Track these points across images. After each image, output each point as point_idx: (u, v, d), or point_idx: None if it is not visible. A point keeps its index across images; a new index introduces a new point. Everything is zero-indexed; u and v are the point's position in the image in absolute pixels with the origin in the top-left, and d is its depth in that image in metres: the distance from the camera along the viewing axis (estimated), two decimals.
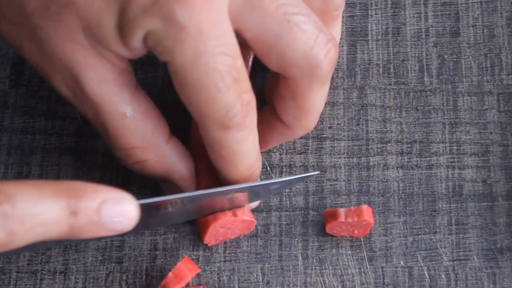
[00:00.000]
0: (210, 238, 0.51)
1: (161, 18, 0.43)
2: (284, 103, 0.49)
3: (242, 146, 0.47)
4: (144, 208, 0.45)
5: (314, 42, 0.46)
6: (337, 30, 0.52)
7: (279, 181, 0.50)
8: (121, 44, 0.45)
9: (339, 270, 0.52)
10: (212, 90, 0.44)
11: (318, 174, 0.52)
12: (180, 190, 0.51)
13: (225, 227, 0.51)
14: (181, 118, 0.51)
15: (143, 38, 0.44)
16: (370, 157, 0.55)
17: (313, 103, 0.49)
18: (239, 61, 0.45)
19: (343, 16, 0.57)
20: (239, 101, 0.45)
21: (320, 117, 0.55)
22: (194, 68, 0.43)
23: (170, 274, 0.50)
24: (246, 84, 0.46)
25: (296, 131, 0.51)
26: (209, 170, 0.51)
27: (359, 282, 0.51)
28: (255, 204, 0.53)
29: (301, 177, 0.50)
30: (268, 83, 0.53)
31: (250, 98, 0.46)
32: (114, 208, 0.42)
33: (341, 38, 0.57)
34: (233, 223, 0.50)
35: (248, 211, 0.51)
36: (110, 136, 0.48)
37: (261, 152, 0.54)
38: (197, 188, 0.51)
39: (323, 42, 0.46)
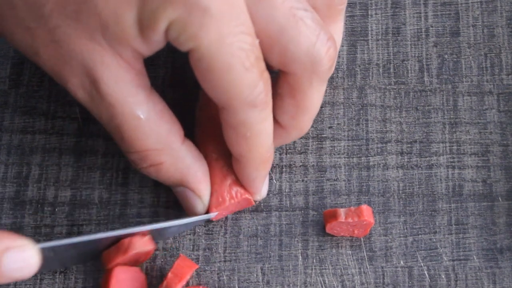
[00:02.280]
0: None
1: (183, 4, 0.43)
2: (281, 101, 0.49)
3: (265, 126, 0.47)
4: (51, 251, 0.46)
5: (317, 38, 0.46)
6: (340, 25, 0.52)
7: (177, 224, 0.50)
8: (141, 39, 0.45)
9: (339, 270, 0.52)
10: (239, 70, 0.44)
11: (214, 216, 0.52)
12: (195, 196, 0.51)
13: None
14: (181, 118, 0.51)
15: (165, 29, 0.44)
16: (370, 157, 0.55)
17: (311, 100, 0.49)
18: (257, 40, 0.45)
19: None
20: (262, 79, 0.46)
21: (320, 117, 0.55)
22: (220, 50, 0.44)
23: (169, 274, 0.49)
24: (263, 63, 0.46)
25: (291, 132, 0.51)
26: (218, 157, 0.51)
27: (359, 282, 0.51)
28: (264, 193, 0.53)
29: (199, 219, 0.50)
30: None
31: (268, 76, 0.46)
32: (15, 256, 0.42)
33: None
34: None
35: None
36: (125, 139, 0.48)
37: None
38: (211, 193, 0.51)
39: (324, 39, 0.47)
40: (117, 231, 0.49)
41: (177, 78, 0.56)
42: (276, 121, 0.50)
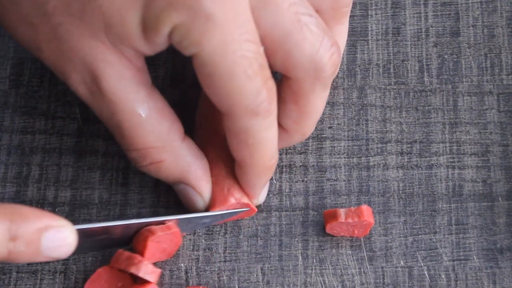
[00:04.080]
0: None
1: (188, 9, 0.43)
2: (285, 106, 0.49)
3: (268, 134, 0.47)
4: (84, 233, 0.46)
5: (320, 44, 0.46)
6: (345, 27, 0.53)
7: (210, 215, 0.50)
8: (144, 40, 0.45)
9: (339, 270, 0.52)
10: (242, 78, 0.44)
11: (246, 210, 0.52)
12: (195, 193, 0.51)
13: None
14: (181, 118, 0.51)
15: (169, 33, 0.44)
16: (370, 157, 0.55)
17: (314, 106, 0.49)
18: (262, 48, 0.45)
19: None
20: (265, 87, 0.45)
21: (320, 117, 0.54)
22: (223, 57, 0.44)
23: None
24: (268, 71, 0.46)
25: (294, 136, 0.51)
26: (218, 158, 0.51)
27: (359, 282, 0.51)
28: (262, 199, 0.53)
29: (232, 212, 0.51)
30: None
31: (273, 84, 0.46)
32: (53, 236, 0.43)
33: None
34: None
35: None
36: (126, 136, 0.48)
37: None
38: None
39: (327, 45, 0.47)
40: (149, 218, 0.49)
41: (177, 78, 0.56)
42: (279, 124, 0.50)
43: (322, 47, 0.46)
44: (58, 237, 0.43)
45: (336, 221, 0.51)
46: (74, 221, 0.51)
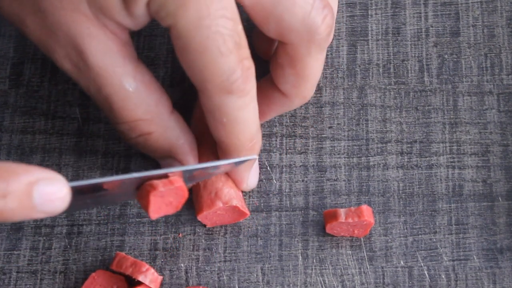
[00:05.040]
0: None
1: None
2: (282, 71, 0.49)
3: (243, 114, 0.47)
4: (79, 190, 0.44)
5: (312, 7, 0.46)
6: None
7: (214, 165, 0.49)
8: (125, 12, 0.45)
9: (339, 270, 0.52)
10: (214, 54, 0.44)
11: (254, 158, 0.51)
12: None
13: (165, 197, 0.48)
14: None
15: (147, 4, 0.44)
16: (370, 157, 0.55)
17: (311, 69, 0.49)
18: (240, 26, 0.45)
19: (343, 16, 0.58)
20: (240, 66, 0.45)
21: (320, 117, 0.55)
22: (197, 31, 0.44)
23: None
24: (246, 50, 0.46)
25: (294, 99, 0.51)
26: (210, 154, 0.51)
27: (359, 282, 0.51)
28: (251, 183, 0.52)
29: (237, 161, 0.50)
30: (255, 34, 0.54)
31: (250, 65, 0.46)
32: (45, 189, 0.41)
33: (340, 38, 0.57)
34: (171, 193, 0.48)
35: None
36: (114, 110, 0.48)
37: (261, 151, 0.55)
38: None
39: (319, 7, 0.47)
40: (151, 171, 0.47)
41: (177, 78, 0.56)
42: (278, 90, 0.50)
43: (314, 9, 0.46)
44: (50, 190, 0.41)
45: (336, 221, 0.51)
46: (74, 221, 0.53)
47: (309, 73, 0.49)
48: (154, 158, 0.52)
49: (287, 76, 0.50)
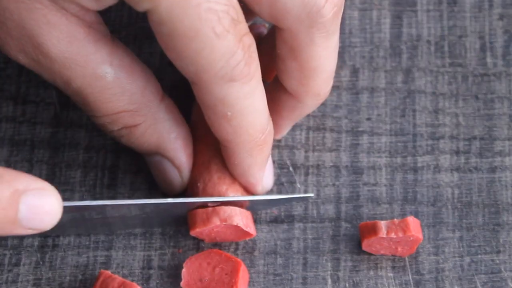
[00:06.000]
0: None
1: None
2: (283, 64, 0.48)
3: (250, 102, 0.45)
4: (74, 210, 0.45)
5: None
6: None
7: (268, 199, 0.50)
8: None
9: None
10: (209, 37, 0.42)
11: (313, 196, 0.52)
12: (172, 168, 0.50)
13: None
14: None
15: None
16: (418, 157, 0.53)
17: (318, 60, 0.47)
18: None
19: None
20: (241, 45, 0.43)
21: (355, 105, 0.54)
22: (184, 12, 0.42)
23: None
24: (244, 25, 0.44)
25: (304, 99, 0.49)
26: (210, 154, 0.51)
27: None
28: (267, 184, 0.52)
29: (292, 197, 0.50)
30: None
31: (251, 41, 0.44)
32: (34, 201, 0.40)
33: (382, 8, 0.57)
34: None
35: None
36: (90, 103, 0.47)
37: (282, 148, 0.53)
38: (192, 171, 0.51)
39: None
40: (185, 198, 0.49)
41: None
42: (286, 90, 0.49)
43: None
44: (39, 202, 0.41)
45: (375, 236, 0.49)
46: None
47: (316, 65, 0.47)
48: (141, 154, 0.52)
49: (289, 70, 0.48)
